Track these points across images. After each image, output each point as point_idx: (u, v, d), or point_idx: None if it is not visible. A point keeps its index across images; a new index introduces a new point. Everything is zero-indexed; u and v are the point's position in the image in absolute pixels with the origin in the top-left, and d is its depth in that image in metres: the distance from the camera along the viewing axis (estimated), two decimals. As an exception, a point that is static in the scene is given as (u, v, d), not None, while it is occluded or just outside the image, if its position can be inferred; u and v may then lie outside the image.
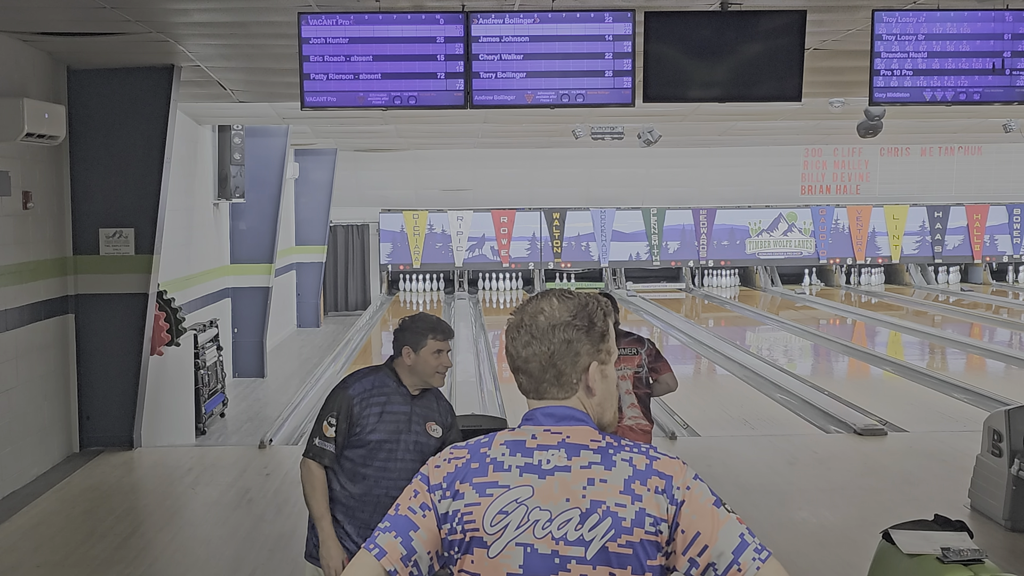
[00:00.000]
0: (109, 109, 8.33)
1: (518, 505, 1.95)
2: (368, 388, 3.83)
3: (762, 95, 6.49)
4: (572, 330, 2.04)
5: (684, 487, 1.96)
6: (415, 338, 3.83)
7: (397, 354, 3.88)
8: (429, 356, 3.82)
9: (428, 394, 3.93)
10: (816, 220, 22.95)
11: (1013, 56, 6.36)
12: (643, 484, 1.95)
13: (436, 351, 3.83)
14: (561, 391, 2.05)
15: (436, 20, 6.27)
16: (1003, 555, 5.83)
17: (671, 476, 1.97)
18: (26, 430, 7.63)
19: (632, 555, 1.92)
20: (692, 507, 1.95)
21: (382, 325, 19.16)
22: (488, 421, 6.62)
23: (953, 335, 16.44)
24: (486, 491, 1.96)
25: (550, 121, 13.12)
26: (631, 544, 1.92)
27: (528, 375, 2.06)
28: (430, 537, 1.98)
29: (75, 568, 5.92)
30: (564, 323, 2.04)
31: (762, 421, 10.37)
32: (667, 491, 1.95)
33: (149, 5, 6.55)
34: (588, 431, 2.02)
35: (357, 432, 3.78)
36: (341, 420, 3.79)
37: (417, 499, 2.01)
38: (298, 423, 10.46)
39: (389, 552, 1.97)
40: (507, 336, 2.11)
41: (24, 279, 7.59)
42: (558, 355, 2.03)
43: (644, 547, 1.92)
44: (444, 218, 22.29)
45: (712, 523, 1.94)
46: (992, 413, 6.90)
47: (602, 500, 1.93)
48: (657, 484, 1.95)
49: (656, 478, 1.96)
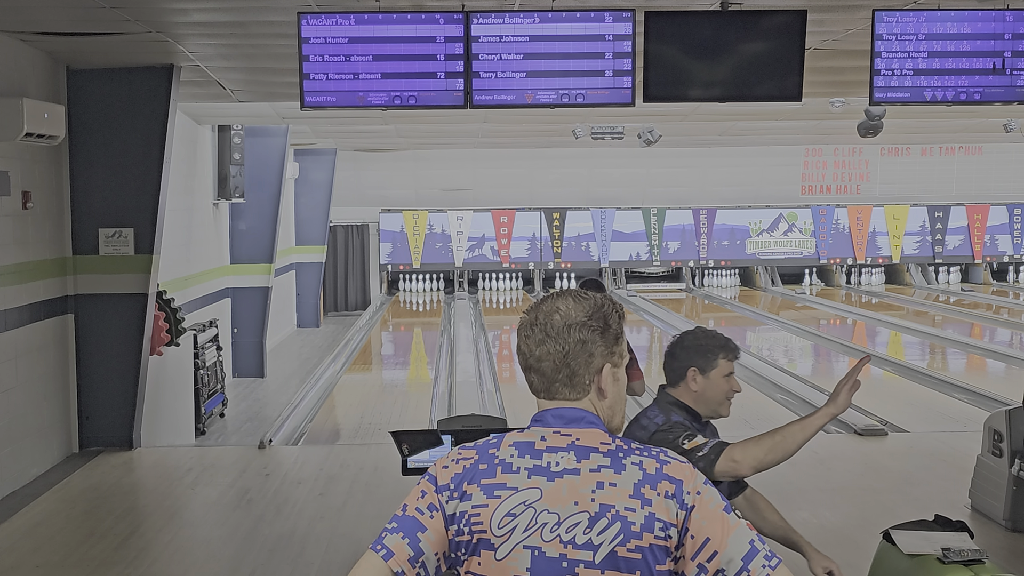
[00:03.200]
0: (109, 109, 8.32)
1: (526, 507, 1.93)
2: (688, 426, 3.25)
3: (762, 95, 6.48)
4: (587, 331, 2.03)
5: (695, 492, 1.95)
6: (704, 358, 3.27)
7: (678, 379, 3.30)
8: (720, 379, 3.27)
9: (708, 426, 3.37)
10: (816, 220, 22.95)
11: (1014, 56, 6.35)
12: (653, 488, 1.93)
13: (727, 373, 3.29)
14: (573, 392, 2.03)
15: (436, 20, 6.26)
16: (1004, 555, 5.82)
17: (681, 481, 1.95)
18: (26, 430, 7.62)
19: (641, 560, 1.90)
20: (702, 512, 1.93)
21: (382, 325, 19.17)
22: (488, 421, 6.58)
23: (954, 335, 16.43)
24: (494, 493, 1.94)
25: (550, 121, 13.11)
26: (640, 549, 1.90)
27: (540, 374, 2.04)
28: (437, 538, 1.96)
29: (75, 568, 5.92)
30: (580, 323, 2.03)
31: (762, 421, 10.35)
32: (677, 496, 1.94)
33: (149, 5, 6.55)
34: (598, 434, 2.01)
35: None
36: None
37: (425, 500, 1.99)
38: (298, 423, 10.46)
39: (396, 553, 1.95)
40: (519, 334, 2.08)
41: (24, 279, 7.59)
42: (572, 355, 2.02)
43: (653, 552, 1.91)
44: (444, 218, 22.29)
45: (722, 529, 1.93)
46: (992, 413, 6.89)
47: (611, 504, 1.92)
48: (667, 488, 1.94)
49: (666, 482, 1.94)
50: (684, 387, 3.28)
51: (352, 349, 15.90)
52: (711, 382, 3.25)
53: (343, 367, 14.27)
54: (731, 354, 3.29)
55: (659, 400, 3.33)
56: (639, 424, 3.28)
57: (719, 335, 3.33)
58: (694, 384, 3.25)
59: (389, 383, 14.24)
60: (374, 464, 8.00)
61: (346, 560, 5.97)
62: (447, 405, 11.12)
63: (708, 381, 3.25)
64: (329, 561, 5.97)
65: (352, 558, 5.96)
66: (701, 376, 3.25)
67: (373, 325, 18.88)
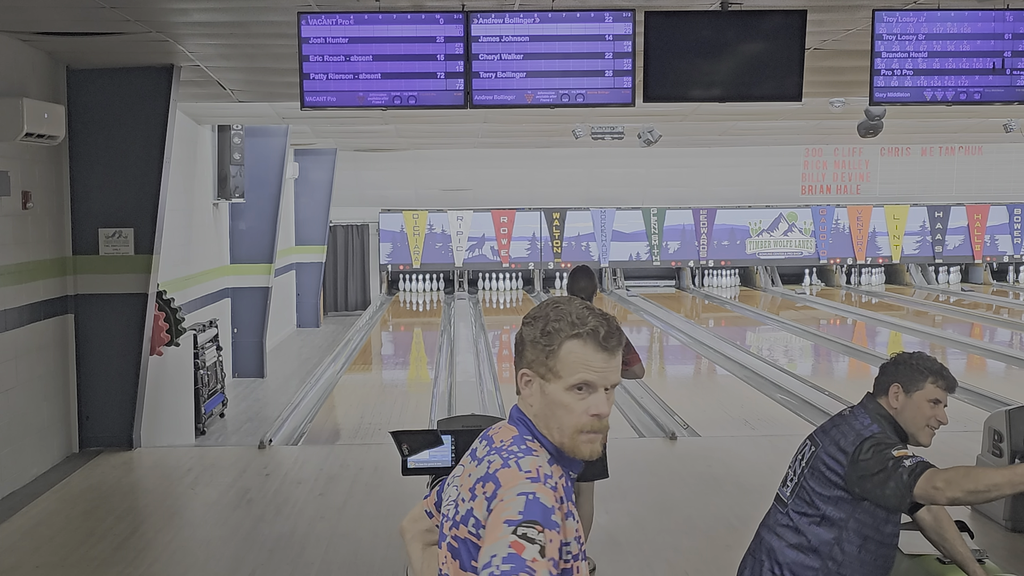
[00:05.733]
0: (109, 109, 8.32)
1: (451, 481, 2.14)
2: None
3: (762, 95, 6.48)
4: (527, 327, 2.07)
5: (502, 499, 1.91)
6: (910, 376, 3.24)
7: (881, 392, 3.30)
8: (924, 403, 3.23)
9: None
10: (816, 220, 22.95)
11: (1013, 56, 6.35)
12: (483, 487, 1.97)
13: (934, 400, 3.24)
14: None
15: (436, 20, 6.26)
16: (1003, 555, 5.82)
17: (501, 485, 1.94)
18: (26, 430, 7.62)
19: (459, 549, 2.00)
20: (494, 517, 1.90)
21: (382, 325, 19.16)
22: (487, 421, 6.57)
23: (954, 335, 16.43)
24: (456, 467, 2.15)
25: (550, 121, 13.11)
26: (458, 539, 2.00)
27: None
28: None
29: (75, 568, 5.92)
30: (525, 322, 2.07)
31: (762, 421, 10.36)
32: (491, 497, 1.94)
33: (149, 5, 6.54)
34: (509, 429, 2.07)
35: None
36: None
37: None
38: (298, 423, 10.46)
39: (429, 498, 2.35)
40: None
41: (23, 279, 7.59)
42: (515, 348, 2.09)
43: (467, 546, 1.98)
44: (444, 218, 22.29)
45: (491, 536, 1.87)
46: (992, 413, 6.89)
47: (464, 492, 2.02)
48: (489, 489, 1.96)
49: (491, 483, 1.96)
50: (885, 402, 3.28)
51: (352, 349, 15.90)
52: (913, 403, 3.23)
53: (343, 367, 14.27)
54: (943, 381, 3.24)
55: (868, 407, 3.32)
56: (851, 426, 3.27)
57: (936, 362, 3.30)
58: (895, 401, 3.25)
59: (389, 383, 14.23)
60: (374, 464, 8.00)
61: (346, 560, 5.97)
62: (447, 405, 11.12)
63: (910, 401, 3.24)
64: (329, 561, 5.97)
65: (352, 558, 5.98)
66: (903, 395, 3.24)
67: (373, 325, 18.87)
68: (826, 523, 3.24)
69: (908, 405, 3.24)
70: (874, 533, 3.24)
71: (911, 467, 3.05)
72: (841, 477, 3.19)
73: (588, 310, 2.03)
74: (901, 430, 3.28)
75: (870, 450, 3.15)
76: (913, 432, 3.26)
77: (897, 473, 3.06)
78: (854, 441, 3.21)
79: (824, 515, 3.24)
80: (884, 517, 3.24)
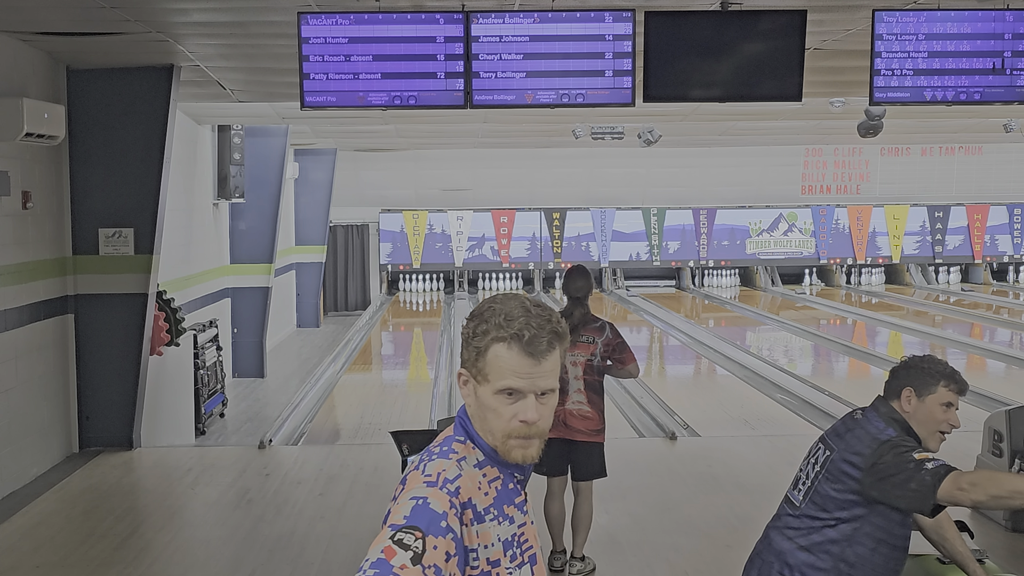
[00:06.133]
0: (108, 109, 8.32)
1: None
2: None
3: (762, 95, 6.48)
4: (466, 324, 1.99)
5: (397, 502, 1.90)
6: (922, 380, 3.24)
7: (893, 396, 3.30)
8: (936, 407, 3.23)
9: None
10: (816, 220, 22.95)
11: (1013, 56, 6.35)
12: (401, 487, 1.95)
13: (946, 404, 3.24)
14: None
15: (436, 20, 6.26)
16: (1004, 555, 5.82)
17: (404, 487, 1.93)
18: (26, 430, 7.62)
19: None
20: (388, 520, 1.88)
21: (382, 325, 19.16)
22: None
23: (954, 335, 16.43)
24: None
25: (550, 121, 13.11)
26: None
27: None
28: None
29: (75, 568, 5.92)
30: (470, 315, 2.00)
31: (762, 421, 10.36)
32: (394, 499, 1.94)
33: (149, 5, 6.54)
34: (450, 430, 2.03)
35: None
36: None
37: None
38: (298, 423, 10.46)
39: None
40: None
41: (23, 279, 7.59)
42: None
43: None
44: (444, 218, 22.29)
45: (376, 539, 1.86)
46: (992, 413, 6.88)
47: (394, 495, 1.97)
48: (397, 491, 1.95)
49: (400, 485, 1.95)
50: (898, 405, 3.27)
51: (352, 349, 15.90)
52: (925, 407, 3.23)
53: (343, 367, 14.27)
54: (955, 385, 3.23)
55: (880, 411, 3.30)
56: (866, 431, 3.25)
57: (948, 366, 3.29)
58: (907, 404, 3.25)
59: (389, 383, 14.24)
60: (374, 464, 8.00)
61: (346, 560, 5.97)
62: (447, 405, 11.12)
63: (922, 405, 3.23)
64: (329, 561, 5.97)
65: (352, 558, 5.97)
66: (916, 398, 3.23)
67: (373, 325, 18.87)
68: (840, 526, 3.24)
69: (920, 409, 3.24)
70: (887, 536, 3.23)
71: (934, 469, 3.04)
72: (857, 481, 3.19)
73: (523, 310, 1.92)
74: (914, 434, 3.28)
75: (890, 453, 3.14)
76: (924, 436, 3.26)
77: (920, 475, 3.05)
78: (870, 445, 3.20)
79: (838, 518, 3.24)
80: (898, 520, 3.23)
